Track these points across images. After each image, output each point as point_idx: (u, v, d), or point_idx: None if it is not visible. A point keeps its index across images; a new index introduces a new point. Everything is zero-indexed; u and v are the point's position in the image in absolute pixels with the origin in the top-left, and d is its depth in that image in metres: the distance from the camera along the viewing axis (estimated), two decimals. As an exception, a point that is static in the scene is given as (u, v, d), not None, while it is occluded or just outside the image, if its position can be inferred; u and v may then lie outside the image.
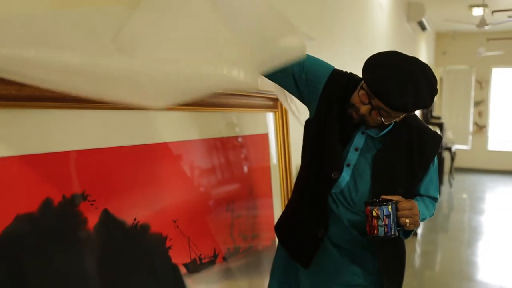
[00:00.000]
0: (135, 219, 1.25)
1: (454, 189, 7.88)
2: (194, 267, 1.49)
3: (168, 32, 0.97)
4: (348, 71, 1.59)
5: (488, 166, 10.07)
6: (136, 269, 1.27)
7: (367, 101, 1.42)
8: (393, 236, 1.43)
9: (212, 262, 1.59)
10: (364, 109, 1.44)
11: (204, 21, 0.99)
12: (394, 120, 1.49)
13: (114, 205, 1.19)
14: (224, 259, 1.66)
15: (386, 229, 1.42)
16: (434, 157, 1.59)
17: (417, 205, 1.48)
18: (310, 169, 1.59)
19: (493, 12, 7.94)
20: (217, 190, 1.68)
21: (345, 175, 1.53)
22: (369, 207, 1.43)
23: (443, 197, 7.16)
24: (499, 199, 7.40)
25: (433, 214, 1.67)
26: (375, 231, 1.43)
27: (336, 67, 1.58)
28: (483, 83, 10.42)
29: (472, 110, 10.24)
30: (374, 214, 1.43)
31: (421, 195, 1.61)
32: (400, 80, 1.36)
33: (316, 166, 1.57)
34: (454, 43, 9.96)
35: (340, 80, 1.53)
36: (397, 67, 1.38)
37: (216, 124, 1.72)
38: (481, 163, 10.03)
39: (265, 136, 2.07)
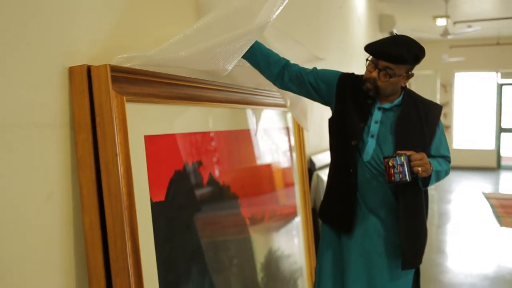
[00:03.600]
0: (223, 182, 1.82)
1: (424, 183, 8.61)
2: (252, 221, 2.07)
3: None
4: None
5: (453, 163, 10.60)
6: (224, 213, 1.84)
7: (374, 67, 1.76)
8: (408, 181, 1.68)
9: (262, 219, 2.17)
10: (374, 74, 1.76)
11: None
12: (401, 81, 1.77)
13: (213, 171, 1.76)
14: (269, 218, 2.25)
15: (401, 175, 1.67)
16: (438, 121, 1.85)
17: (426, 156, 1.72)
18: (338, 151, 1.88)
19: (455, 22, 8.74)
20: (267, 167, 2.26)
21: (371, 144, 1.80)
22: (386, 159, 1.69)
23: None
24: (463, 192, 8.18)
25: (447, 172, 1.87)
26: (392, 178, 1.68)
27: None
28: (447, 87, 11.17)
29: None
30: (390, 164, 1.68)
31: (433, 156, 1.83)
32: (392, 40, 1.76)
33: (342, 145, 1.85)
34: (420, 50, 10.76)
35: (348, 77, 1.90)
36: (389, 37, 1.80)
37: (264, 118, 2.30)
38: None
39: (287, 128, 2.66)
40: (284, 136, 2.57)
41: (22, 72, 1.09)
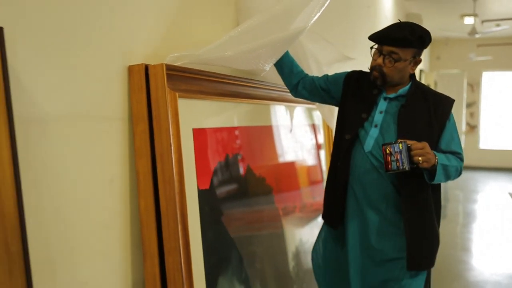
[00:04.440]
0: (259, 174, 1.94)
1: (448, 185, 8.53)
2: (285, 212, 2.18)
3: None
4: None
5: (480, 164, 10.51)
6: (260, 203, 1.96)
7: (378, 54, 1.72)
8: (406, 169, 1.58)
9: (293, 211, 2.28)
10: (379, 60, 1.71)
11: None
12: (408, 67, 1.71)
13: (251, 163, 1.88)
14: (300, 211, 2.36)
15: (398, 163, 1.57)
16: (449, 114, 1.75)
17: (428, 145, 1.61)
18: (334, 146, 1.85)
19: (482, 21, 8.66)
20: (296, 163, 2.37)
21: (373, 134, 1.74)
22: (384, 146, 1.60)
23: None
24: (489, 192, 8.12)
25: (458, 169, 1.74)
26: (389, 166, 1.59)
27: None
28: (474, 86, 11.06)
29: (464, 111, 10.76)
30: (388, 151, 1.59)
31: (444, 151, 1.73)
32: (395, 25, 1.72)
33: (337, 139, 1.83)
34: (447, 49, 10.57)
35: (354, 73, 1.90)
36: (392, 23, 1.75)
37: (288, 115, 2.41)
38: (473, 161, 10.42)
39: (313, 126, 2.76)
40: (311, 133, 2.67)
41: (89, 70, 1.23)
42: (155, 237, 1.35)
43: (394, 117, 1.74)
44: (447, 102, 1.77)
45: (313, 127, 2.69)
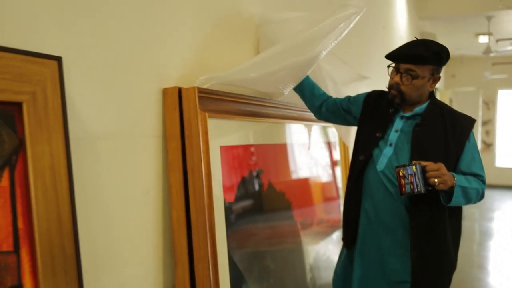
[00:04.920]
0: (280, 189, 2.05)
1: (465, 201, 8.52)
2: (303, 226, 2.28)
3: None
4: None
5: (496, 182, 10.30)
6: (280, 216, 2.06)
7: (396, 72, 1.72)
8: (421, 192, 1.55)
9: (311, 224, 2.38)
10: (396, 78, 1.71)
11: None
12: (426, 85, 1.70)
13: (271, 178, 1.99)
14: (317, 225, 2.45)
15: (412, 186, 1.54)
16: (468, 134, 1.70)
17: (444, 167, 1.57)
18: (350, 167, 1.88)
19: (497, 40, 8.71)
20: (312, 179, 2.48)
21: (387, 152, 1.72)
22: (397, 169, 1.58)
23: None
24: (506, 210, 8.08)
25: (480, 192, 1.67)
26: (403, 189, 1.56)
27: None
28: (489, 104, 11.06)
29: (480, 129, 10.79)
30: (401, 174, 1.56)
31: (464, 173, 1.67)
32: (411, 42, 1.74)
33: (352, 160, 1.85)
34: (462, 67, 10.63)
35: (374, 93, 1.93)
36: (409, 41, 1.78)
37: (305, 132, 2.53)
38: (489, 179, 10.12)
39: (329, 143, 2.87)
40: (326, 151, 2.77)
41: (130, 93, 1.36)
42: (185, 246, 1.46)
43: (408, 136, 1.72)
44: (466, 122, 1.73)
45: (329, 145, 2.80)
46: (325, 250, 2.53)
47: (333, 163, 2.81)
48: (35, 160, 1.00)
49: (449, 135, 1.68)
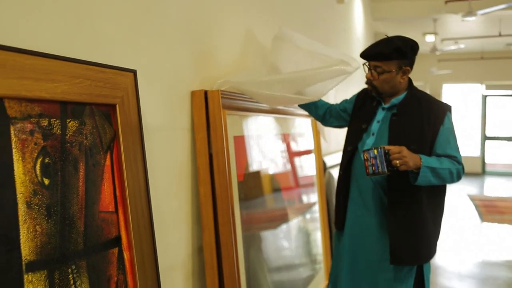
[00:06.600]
0: (274, 172, 2.48)
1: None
2: (289, 203, 2.72)
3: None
4: None
5: None
6: (274, 194, 2.49)
7: (368, 69, 1.90)
8: (384, 173, 1.70)
9: (294, 203, 2.83)
10: (368, 74, 1.90)
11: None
12: (396, 78, 1.84)
13: (268, 164, 2.42)
14: (298, 202, 2.91)
15: (374, 168, 1.69)
16: (442, 119, 1.81)
17: (406, 149, 1.69)
18: (343, 152, 2.08)
19: (442, 40, 9.49)
20: (297, 164, 2.93)
21: (369, 142, 1.89)
22: (363, 152, 1.74)
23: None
24: (451, 194, 8.83)
25: (453, 171, 1.77)
26: (367, 170, 1.73)
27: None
28: (435, 97, 11.93)
29: None
30: (365, 157, 1.72)
31: (439, 155, 1.79)
32: (378, 41, 1.89)
33: (343, 150, 2.08)
34: (411, 63, 11.45)
35: (363, 90, 2.12)
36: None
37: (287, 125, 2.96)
38: None
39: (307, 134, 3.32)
40: (306, 140, 3.23)
41: (171, 94, 1.74)
42: (211, 214, 1.86)
43: (387, 125, 1.88)
44: (440, 108, 1.87)
45: (306, 135, 3.24)
46: (305, 224, 2.99)
47: (309, 151, 3.27)
48: (125, 146, 1.37)
49: (424, 122, 1.82)
